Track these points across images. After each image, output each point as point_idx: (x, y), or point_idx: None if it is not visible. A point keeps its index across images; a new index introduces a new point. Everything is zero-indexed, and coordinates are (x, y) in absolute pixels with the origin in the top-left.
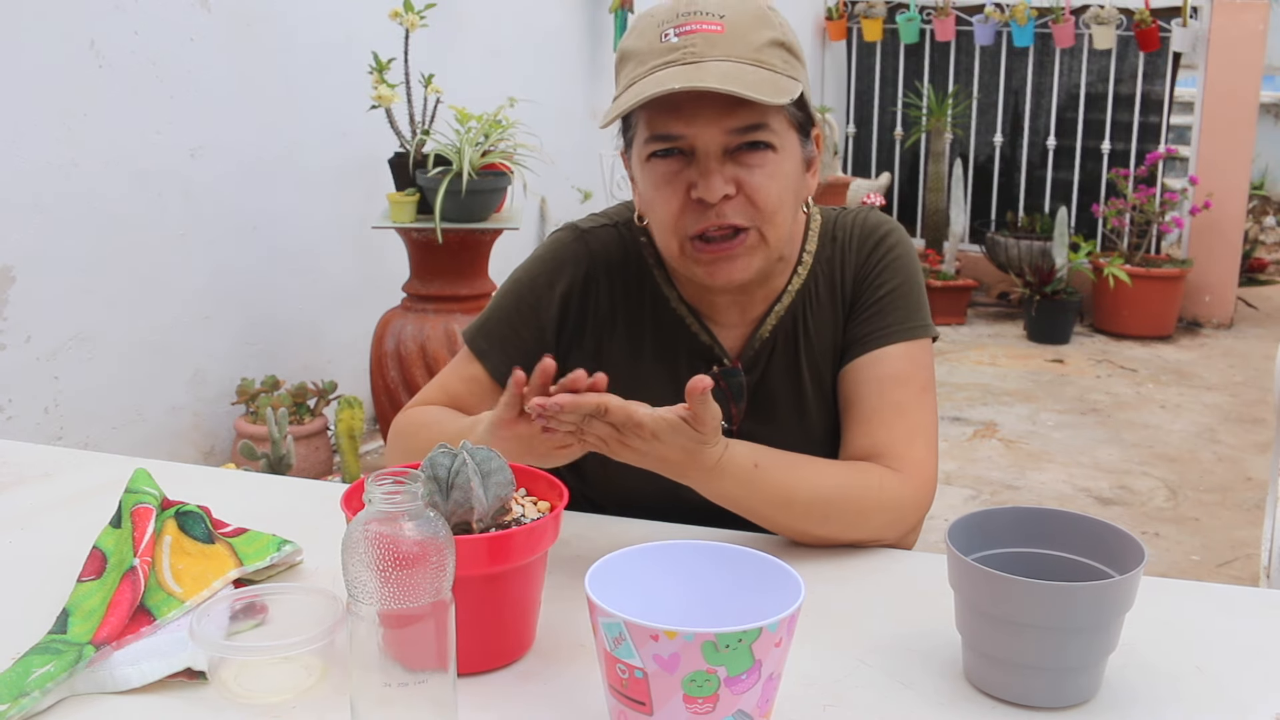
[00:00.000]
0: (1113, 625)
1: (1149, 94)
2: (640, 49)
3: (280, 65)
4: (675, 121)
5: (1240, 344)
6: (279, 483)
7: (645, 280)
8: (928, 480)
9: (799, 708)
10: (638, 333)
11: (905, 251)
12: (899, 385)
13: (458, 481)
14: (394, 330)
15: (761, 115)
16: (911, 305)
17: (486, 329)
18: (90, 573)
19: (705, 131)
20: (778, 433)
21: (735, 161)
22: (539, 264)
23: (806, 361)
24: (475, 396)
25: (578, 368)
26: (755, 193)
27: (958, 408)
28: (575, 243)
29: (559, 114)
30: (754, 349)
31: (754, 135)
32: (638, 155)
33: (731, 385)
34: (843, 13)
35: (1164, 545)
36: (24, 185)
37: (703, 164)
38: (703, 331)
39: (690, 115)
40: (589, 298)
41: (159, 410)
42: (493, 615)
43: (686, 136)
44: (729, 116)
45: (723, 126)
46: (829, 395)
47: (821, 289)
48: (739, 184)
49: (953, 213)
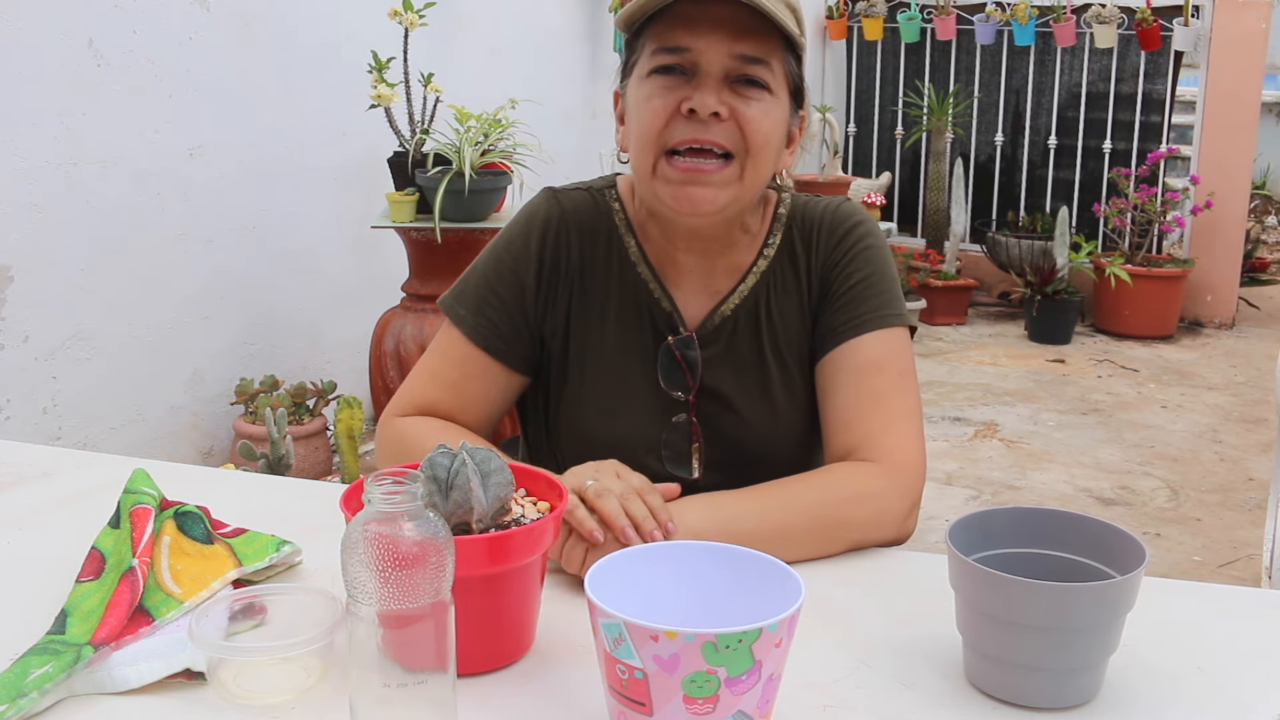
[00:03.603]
0: (1114, 626)
1: (1150, 93)
2: None
3: (280, 65)
4: (686, 34)
5: (1242, 344)
6: (278, 483)
7: (614, 240)
8: (909, 465)
9: (799, 708)
10: (603, 290)
11: (876, 242)
12: (875, 373)
13: (457, 482)
14: (394, 330)
15: (767, 52)
16: (884, 295)
17: (464, 295)
18: (89, 573)
19: (713, 48)
20: (738, 415)
21: (732, 91)
22: (514, 225)
23: (769, 344)
24: (471, 378)
25: (552, 326)
26: (747, 123)
27: (958, 408)
28: (547, 201)
29: (559, 113)
30: (714, 324)
31: (756, 69)
32: (638, 74)
33: (686, 356)
34: (843, 11)
35: (1165, 546)
36: (22, 185)
37: (702, 79)
38: (664, 298)
39: (702, 32)
40: (560, 252)
41: (158, 410)
42: (492, 616)
43: (693, 50)
44: (739, 41)
45: (731, 49)
46: (795, 382)
47: (787, 273)
48: (732, 111)
49: (954, 212)
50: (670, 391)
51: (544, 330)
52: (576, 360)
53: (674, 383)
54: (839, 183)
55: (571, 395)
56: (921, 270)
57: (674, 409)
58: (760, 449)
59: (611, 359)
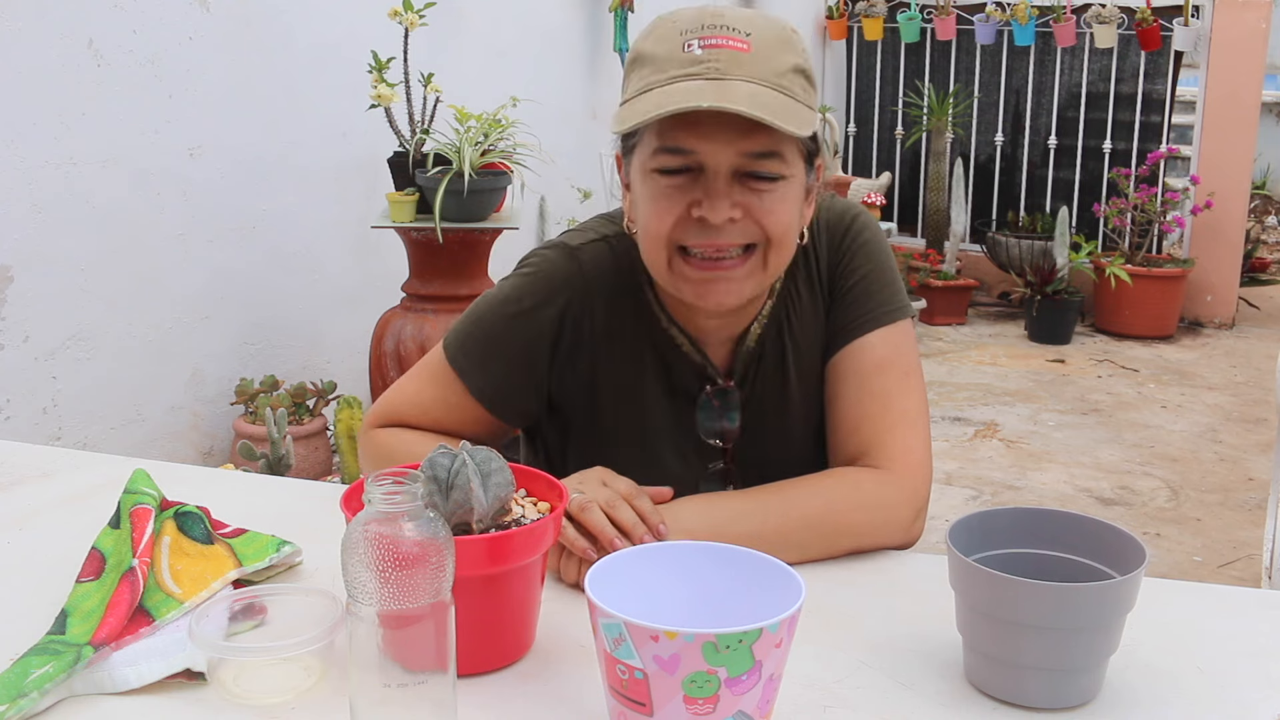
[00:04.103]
0: (1114, 626)
1: (1150, 93)
2: (659, 55)
3: (279, 65)
4: (690, 136)
5: (1242, 344)
6: (278, 483)
7: (639, 298)
8: (915, 469)
9: (799, 708)
10: (636, 351)
11: (873, 236)
12: (879, 374)
13: (457, 482)
14: (393, 330)
15: (777, 143)
16: (885, 289)
17: (468, 346)
18: (89, 573)
19: (720, 151)
20: (776, 448)
21: (743, 186)
22: (529, 283)
23: (794, 364)
24: (462, 423)
25: (569, 388)
26: (765, 217)
27: (959, 408)
28: (567, 262)
29: (559, 113)
30: (742, 363)
31: (767, 163)
32: (640, 164)
33: (725, 404)
34: (843, 11)
35: (1165, 546)
36: (22, 185)
37: (710, 183)
38: (694, 351)
39: (707, 132)
40: (584, 319)
41: (158, 410)
42: (492, 616)
43: (699, 153)
44: (745, 139)
45: (738, 148)
46: (817, 392)
47: (801, 286)
48: (745, 209)
49: (954, 212)
50: (708, 440)
51: (555, 394)
52: (604, 417)
53: (712, 431)
54: (839, 183)
55: (600, 450)
56: (921, 270)
57: (710, 456)
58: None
59: (644, 415)
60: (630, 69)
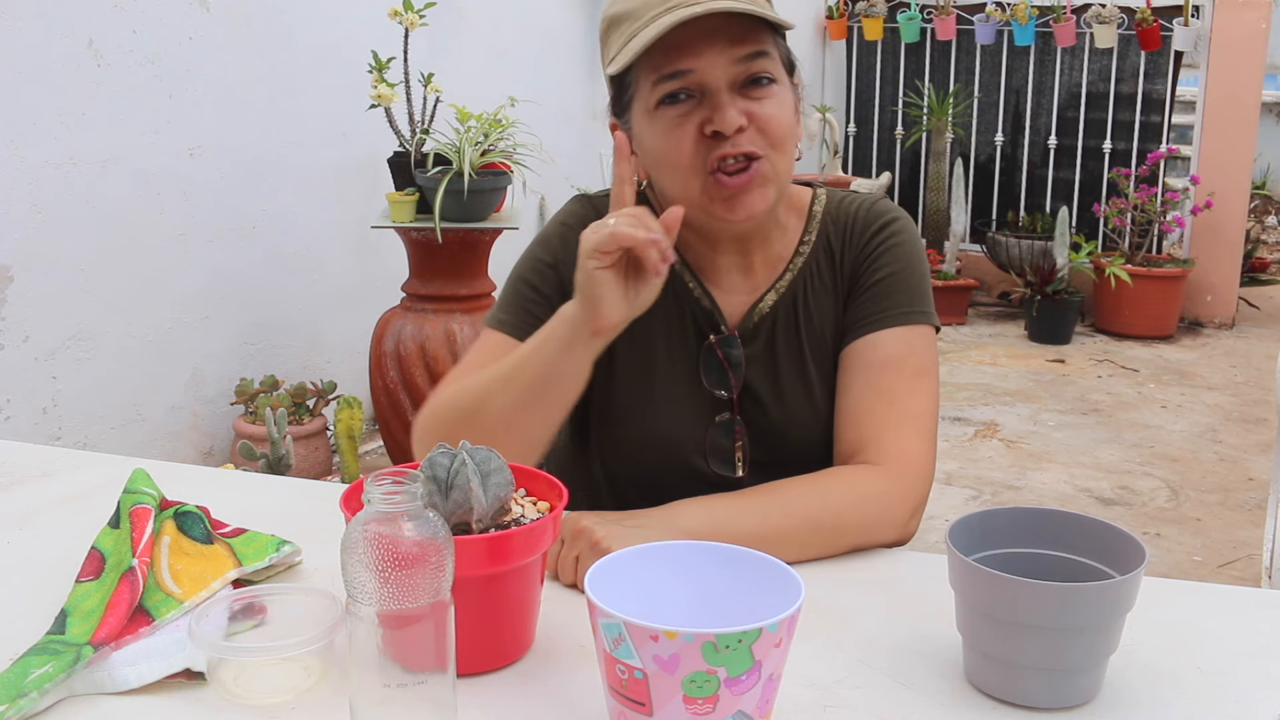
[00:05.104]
0: (1114, 626)
1: (1150, 93)
2: (634, 7)
3: (279, 65)
4: (685, 57)
5: (1242, 344)
6: (278, 483)
7: None
8: (913, 467)
9: (799, 708)
10: None
11: (909, 240)
12: (889, 370)
13: (457, 482)
14: (393, 330)
15: (763, 43)
16: (911, 291)
17: (504, 304)
18: (89, 573)
19: (715, 63)
20: (780, 412)
21: (743, 96)
22: (549, 229)
23: (808, 340)
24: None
25: None
26: (767, 123)
27: (959, 408)
28: (582, 206)
29: (559, 113)
30: (754, 321)
31: (759, 64)
32: (642, 109)
33: (729, 355)
34: (843, 11)
35: (1165, 546)
36: (22, 185)
37: (715, 98)
38: (704, 296)
39: (699, 50)
40: None
41: (158, 410)
42: (492, 616)
43: (696, 70)
44: (736, 45)
45: (731, 56)
46: (832, 378)
47: (823, 269)
48: (750, 116)
49: (953, 212)
50: (713, 390)
51: None
52: (617, 359)
53: (716, 381)
54: (839, 183)
55: (612, 394)
56: None
57: (717, 408)
58: (803, 446)
59: (653, 358)
60: (608, 34)
